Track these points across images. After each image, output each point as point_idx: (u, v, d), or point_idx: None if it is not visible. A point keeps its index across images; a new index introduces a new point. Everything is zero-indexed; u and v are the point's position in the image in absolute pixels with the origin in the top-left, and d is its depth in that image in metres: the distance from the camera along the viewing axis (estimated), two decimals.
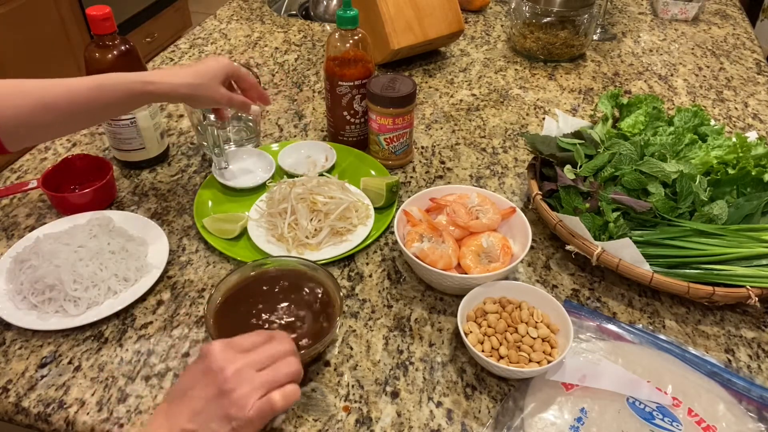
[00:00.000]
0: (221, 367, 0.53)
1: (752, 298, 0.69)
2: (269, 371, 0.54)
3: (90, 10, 0.83)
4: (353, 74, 0.93)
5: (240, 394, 0.52)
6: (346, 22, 0.90)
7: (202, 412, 0.51)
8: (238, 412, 0.51)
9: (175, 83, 0.76)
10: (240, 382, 0.52)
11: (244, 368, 0.53)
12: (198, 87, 0.77)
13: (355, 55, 0.93)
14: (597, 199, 0.78)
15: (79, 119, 0.74)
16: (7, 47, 2.19)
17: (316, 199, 0.83)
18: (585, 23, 1.27)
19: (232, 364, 0.53)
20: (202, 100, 0.79)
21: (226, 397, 0.51)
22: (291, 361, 0.56)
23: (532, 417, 0.61)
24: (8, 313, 0.70)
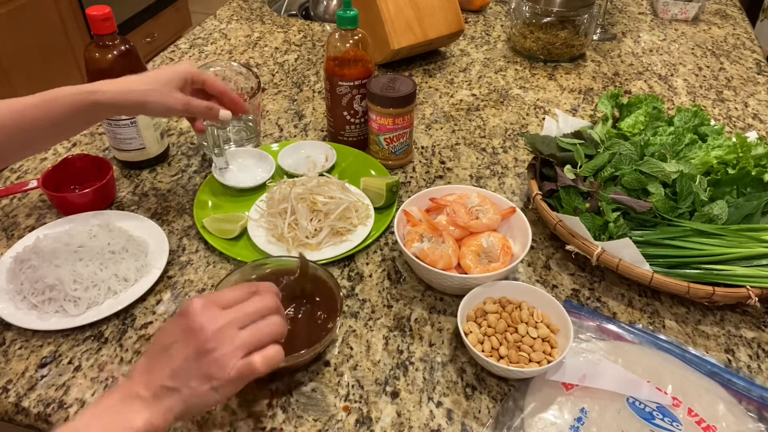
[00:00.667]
0: (202, 325, 0.52)
1: (752, 298, 0.69)
2: (251, 330, 0.53)
3: (90, 10, 0.83)
4: (353, 74, 0.93)
5: (220, 354, 0.51)
6: (346, 22, 0.90)
7: (182, 371, 0.51)
8: (218, 372, 0.51)
9: (123, 90, 0.71)
10: (221, 342, 0.52)
11: (225, 327, 0.52)
12: (148, 93, 0.72)
13: (355, 55, 0.93)
14: (597, 199, 0.78)
15: (29, 139, 0.70)
16: (7, 47, 2.19)
17: (316, 199, 0.83)
18: (585, 23, 1.27)
19: (212, 322, 0.52)
20: (156, 107, 0.74)
21: (206, 356, 0.51)
22: (273, 321, 0.55)
23: (532, 417, 0.61)
24: (8, 313, 0.70)
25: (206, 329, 0.52)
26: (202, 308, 0.53)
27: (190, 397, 0.51)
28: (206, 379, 0.51)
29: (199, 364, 0.51)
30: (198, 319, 0.52)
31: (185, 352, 0.52)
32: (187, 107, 0.76)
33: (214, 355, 0.51)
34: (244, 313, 0.54)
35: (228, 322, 0.53)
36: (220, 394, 0.51)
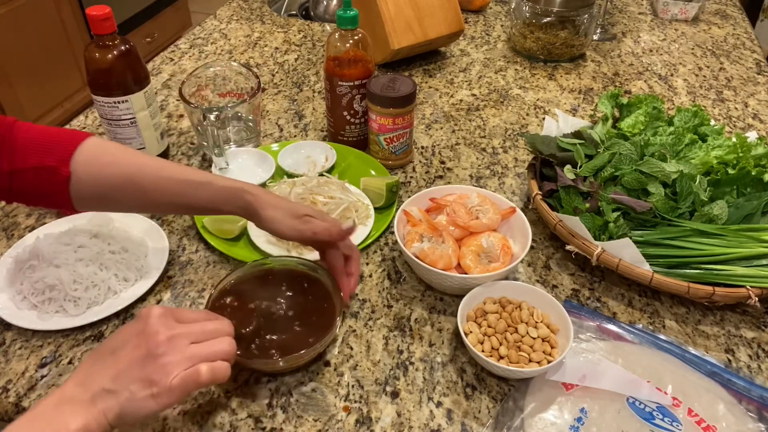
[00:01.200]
0: (156, 330, 0.52)
1: (752, 298, 0.69)
2: (202, 345, 0.54)
3: (90, 10, 0.83)
4: (353, 74, 0.93)
5: (167, 361, 0.51)
6: (346, 22, 0.90)
7: (125, 373, 0.51)
8: (161, 378, 0.50)
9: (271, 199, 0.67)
10: (171, 349, 0.52)
11: (178, 337, 0.53)
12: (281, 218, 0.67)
13: (355, 55, 0.93)
14: (597, 199, 0.78)
15: (157, 205, 0.69)
16: (7, 47, 2.19)
17: (316, 199, 0.83)
18: (585, 23, 1.27)
19: (167, 330, 0.52)
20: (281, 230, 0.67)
21: (153, 361, 0.51)
22: (226, 340, 0.55)
23: (532, 417, 0.61)
24: (8, 313, 0.70)
25: (160, 334, 0.52)
26: (160, 315, 0.53)
27: (128, 401, 0.50)
28: (147, 384, 0.50)
29: (144, 367, 0.51)
30: (153, 324, 0.53)
31: (133, 354, 0.52)
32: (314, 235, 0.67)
33: (161, 360, 0.51)
34: (200, 330, 0.55)
35: (182, 333, 0.53)
36: (158, 402, 0.51)
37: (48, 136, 0.64)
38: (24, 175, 0.63)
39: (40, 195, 0.65)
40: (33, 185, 0.63)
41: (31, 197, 0.65)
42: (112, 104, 0.89)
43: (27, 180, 0.63)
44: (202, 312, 0.59)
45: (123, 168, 0.65)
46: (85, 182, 0.64)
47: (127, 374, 0.51)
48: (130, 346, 0.52)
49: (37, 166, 0.62)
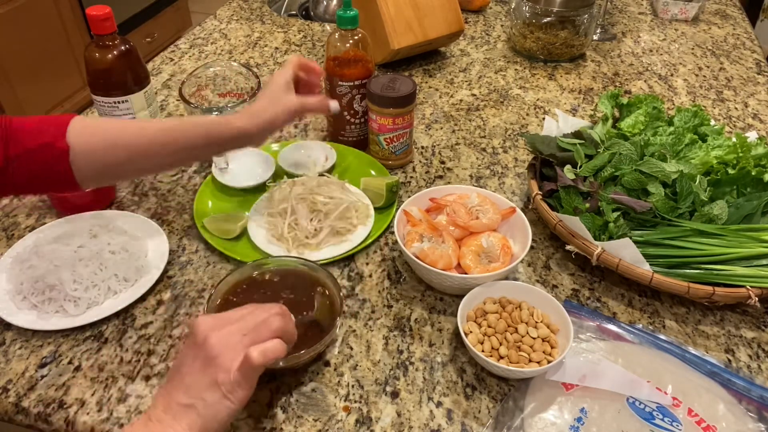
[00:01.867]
0: (205, 336, 0.53)
1: (752, 298, 0.69)
2: (251, 334, 0.54)
3: (90, 10, 0.84)
4: (353, 74, 0.93)
5: (224, 359, 0.52)
6: (346, 22, 0.90)
7: (194, 385, 0.52)
8: (224, 377, 0.51)
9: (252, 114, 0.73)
10: (224, 348, 0.52)
11: (228, 334, 0.53)
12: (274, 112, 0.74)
13: (355, 55, 0.93)
14: (597, 199, 0.78)
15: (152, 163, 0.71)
16: (7, 47, 2.19)
17: (316, 199, 0.83)
18: (585, 23, 1.27)
19: (216, 331, 0.53)
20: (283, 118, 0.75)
21: (211, 364, 0.52)
22: (272, 320, 0.56)
23: (532, 417, 0.61)
24: (8, 313, 0.70)
25: (210, 339, 0.53)
26: (205, 322, 0.54)
27: (206, 409, 0.51)
28: (216, 387, 0.51)
29: (206, 374, 0.52)
30: (202, 331, 0.54)
31: (193, 366, 0.53)
32: (303, 108, 0.77)
33: (218, 360, 0.52)
34: (247, 322, 0.55)
35: (231, 329, 0.54)
36: (232, 400, 0.52)
37: (39, 122, 0.66)
38: (25, 158, 0.64)
39: (44, 177, 0.66)
40: (36, 167, 0.64)
41: (36, 182, 0.66)
42: (112, 104, 0.89)
43: (29, 163, 0.64)
44: (245, 306, 0.59)
45: (108, 132, 0.68)
46: (81, 154, 0.66)
47: (195, 385, 0.52)
48: (188, 360, 0.53)
49: (35, 146, 0.64)
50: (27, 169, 0.64)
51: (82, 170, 0.67)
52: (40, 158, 0.64)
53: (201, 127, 0.71)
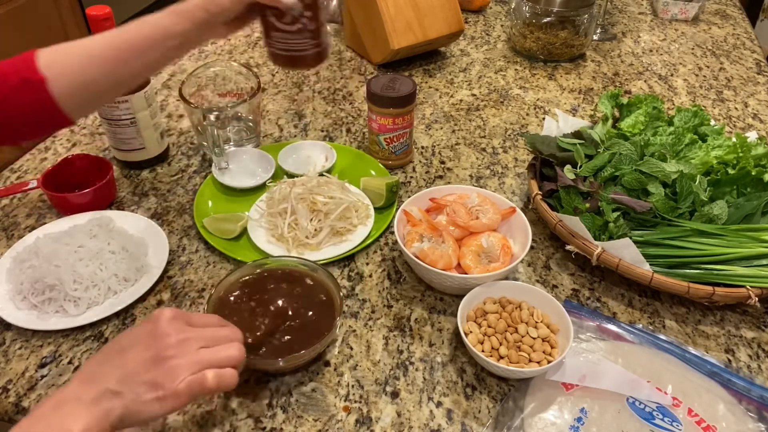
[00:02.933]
0: (166, 332, 0.52)
1: (752, 298, 0.69)
2: (211, 350, 0.53)
3: (90, 10, 0.83)
4: None
5: (175, 364, 0.51)
6: None
7: (132, 375, 0.50)
8: (167, 382, 0.50)
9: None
10: (180, 353, 0.51)
11: (188, 340, 0.52)
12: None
13: None
14: (597, 199, 0.78)
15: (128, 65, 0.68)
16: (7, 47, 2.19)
17: (316, 199, 0.83)
18: (585, 23, 1.27)
19: (177, 333, 0.52)
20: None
21: (161, 364, 0.51)
22: (235, 346, 0.55)
23: (532, 417, 0.61)
24: (8, 313, 0.70)
25: (170, 337, 0.52)
26: (171, 318, 0.53)
27: (133, 403, 0.50)
28: (154, 387, 0.50)
29: (151, 370, 0.51)
30: (164, 326, 0.53)
31: (142, 356, 0.51)
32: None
33: (169, 363, 0.51)
34: (210, 334, 0.55)
35: (192, 336, 0.53)
36: (162, 406, 0.50)
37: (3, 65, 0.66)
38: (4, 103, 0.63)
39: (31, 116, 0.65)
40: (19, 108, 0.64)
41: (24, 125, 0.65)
42: (112, 104, 0.89)
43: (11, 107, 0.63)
44: (213, 316, 0.58)
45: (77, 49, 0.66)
46: (58, 80, 0.65)
47: (135, 376, 0.50)
48: (139, 348, 0.52)
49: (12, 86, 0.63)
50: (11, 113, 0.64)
51: (64, 97, 0.65)
52: (20, 98, 0.63)
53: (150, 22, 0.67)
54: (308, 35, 0.70)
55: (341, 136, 1.06)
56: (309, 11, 0.68)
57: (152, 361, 0.51)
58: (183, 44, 0.69)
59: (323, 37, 0.72)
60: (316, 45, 0.71)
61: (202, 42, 0.72)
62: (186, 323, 0.54)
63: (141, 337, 0.53)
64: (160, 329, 0.52)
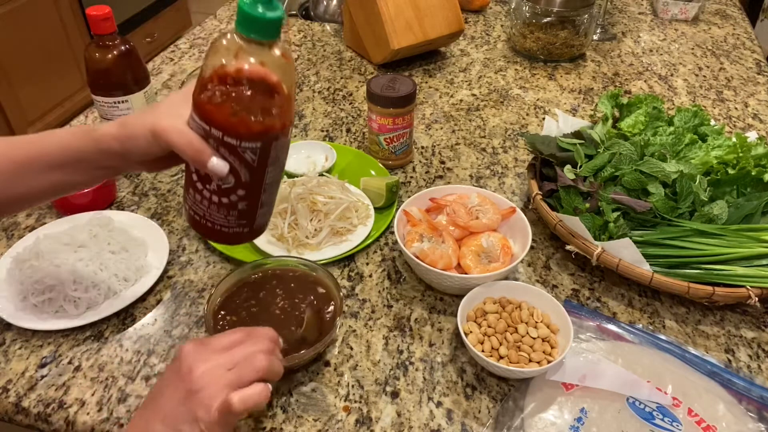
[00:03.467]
0: (191, 367, 0.52)
1: (752, 298, 0.69)
2: (235, 371, 0.52)
3: (90, 10, 0.84)
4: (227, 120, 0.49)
5: (206, 395, 0.50)
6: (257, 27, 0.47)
7: (172, 414, 0.51)
8: (204, 415, 0.50)
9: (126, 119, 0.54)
10: (207, 383, 0.51)
11: (213, 368, 0.52)
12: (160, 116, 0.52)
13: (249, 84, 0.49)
14: (597, 199, 0.78)
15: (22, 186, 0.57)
16: (7, 47, 2.19)
17: (316, 199, 0.83)
18: (585, 23, 1.27)
19: (202, 363, 0.52)
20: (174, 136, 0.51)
21: (193, 398, 0.50)
22: (257, 358, 0.53)
23: (532, 417, 0.61)
24: (8, 313, 0.70)
25: (194, 371, 0.51)
26: (192, 351, 0.53)
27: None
28: (195, 422, 0.50)
29: (187, 406, 0.51)
30: (188, 361, 0.52)
31: (174, 396, 0.51)
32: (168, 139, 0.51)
33: (200, 395, 0.50)
34: (236, 355, 0.54)
35: (218, 363, 0.52)
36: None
37: None
38: None
39: None
40: None
41: None
42: (112, 104, 0.89)
43: None
44: (235, 332, 0.56)
45: None
46: None
47: (175, 415, 0.51)
48: (170, 389, 0.52)
49: None
50: None
51: None
52: None
53: (61, 136, 0.56)
54: (235, 213, 0.53)
55: (341, 136, 1.06)
56: (243, 190, 0.51)
57: (185, 398, 0.51)
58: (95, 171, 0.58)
59: (258, 218, 0.55)
60: (241, 225, 0.54)
61: (122, 172, 0.62)
62: (210, 350, 0.54)
63: (170, 378, 0.53)
64: (184, 365, 0.52)
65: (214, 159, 0.49)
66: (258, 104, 0.48)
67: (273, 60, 0.48)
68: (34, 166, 0.56)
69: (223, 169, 0.50)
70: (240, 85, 0.48)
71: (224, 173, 0.50)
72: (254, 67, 0.48)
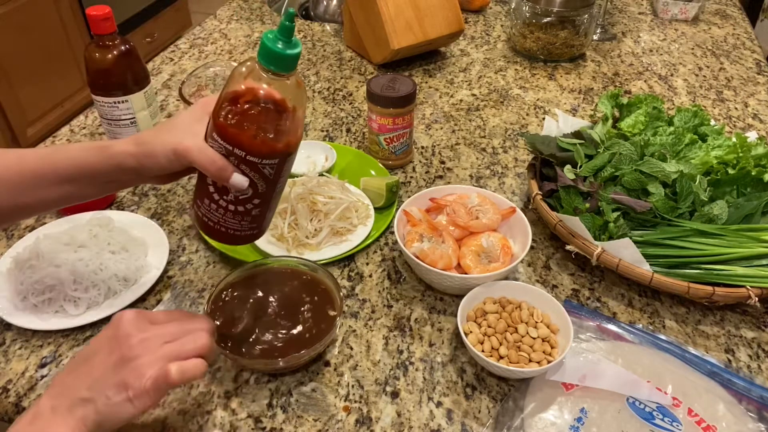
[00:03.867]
0: (128, 334, 0.52)
1: (752, 298, 0.69)
2: (175, 344, 0.53)
3: (90, 10, 0.84)
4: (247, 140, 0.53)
5: (140, 363, 0.51)
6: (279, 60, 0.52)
7: (100, 380, 0.50)
8: (134, 381, 0.50)
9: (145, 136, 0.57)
10: (143, 351, 0.51)
11: (151, 338, 0.52)
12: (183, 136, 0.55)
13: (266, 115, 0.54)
14: (597, 199, 0.78)
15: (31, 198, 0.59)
16: (7, 47, 2.19)
17: (316, 199, 0.83)
18: (585, 23, 1.27)
19: (140, 332, 0.52)
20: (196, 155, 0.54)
21: (126, 364, 0.50)
22: (199, 335, 0.54)
23: (532, 417, 0.61)
24: (8, 313, 0.70)
25: (132, 337, 0.52)
26: (131, 319, 0.53)
27: (105, 407, 0.50)
28: (123, 388, 0.50)
29: (118, 372, 0.50)
30: (125, 328, 0.52)
31: (107, 361, 0.51)
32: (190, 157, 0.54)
33: (134, 363, 0.51)
34: (173, 329, 0.54)
35: (155, 334, 0.53)
36: (135, 405, 0.50)
37: None
38: None
39: None
40: None
41: None
42: (112, 104, 0.89)
43: None
44: (177, 311, 0.58)
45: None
46: None
47: (102, 381, 0.50)
48: (103, 353, 0.52)
49: None
50: None
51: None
52: None
53: (73, 152, 0.58)
54: (248, 219, 0.59)
55: (341, 136, 1.07)
56: (259, 199, 0.57)
57: (117, 364, 0.51)
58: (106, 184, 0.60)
59: (267, 221, 0.62)
60: (253, 228, 0.60)
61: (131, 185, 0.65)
62: (148, 322, 0.54)
63: (104, 342, 0.53)
64: (121, 331, 0.52)
65: (235, 175, 0.54)
66: (277, 127, 0.54)
67: (290, 88, 0.54)
68: (44, 180, 0.59)
69: (243, 183, 0.55)
70: (261, 110, 0.53)
71: (244, 186, 0.55)
72: (274, 95, 0.53)
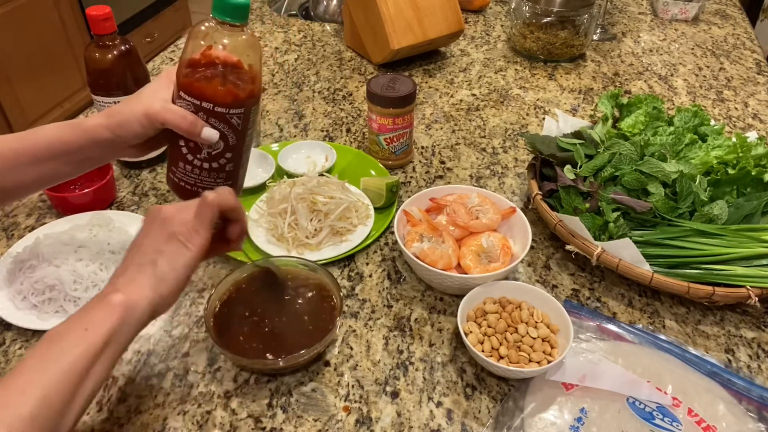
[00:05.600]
0: (172, 215, 0.55)
1: (752, 298, 0.69)
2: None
3: (90, 10, 0.83)
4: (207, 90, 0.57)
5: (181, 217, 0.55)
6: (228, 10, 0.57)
7: (151, 244, 0.54)
8: (181, 228, 0.54)
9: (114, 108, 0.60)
10: (179, 211, 0.56)
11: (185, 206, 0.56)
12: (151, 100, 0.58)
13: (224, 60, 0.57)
14: (597, 199, 0.78)
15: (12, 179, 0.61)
16: (7, 47, 2.19)
17: (316, 199, 0.83)
18: (585, 23, 1.27)
19: (178, 211, 0.56)
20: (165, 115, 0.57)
21: (169, 222, 0.54)
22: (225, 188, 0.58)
23: (532, 417, 0.61)
24: (8, 313, 0.70)
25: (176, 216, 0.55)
26: (164, 206, 0.57)
27: (163, 260, 0.53)
28: (173, 238, 0.54)
29: (164, 232, 0.54)
30: (168, 211, 0.56)
31: (157, 234, 0.55)
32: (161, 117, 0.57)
33: (177, 218, 0.55)
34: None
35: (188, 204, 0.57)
36: (190, 247, 0.54)
37: None
38: None
39: None
40: None
41: None
42: (112, 104, 0.89)
43: None
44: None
45: None
46: None
47: (153, 244, 0.54)
48: (151, 236, 0.55)
49: None
50: None
51: None
52: None
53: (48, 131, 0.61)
54: (223, 175, 0.62)
55: (341, 136, 1.07)
56: (230, 152, 0.60)
57: (161, 228, 0.54)
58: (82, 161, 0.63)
59: (240, 178, 0.65)
60: (228, 185, 0.62)
61: (106, 161, 0.67)
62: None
63: (147, 228, 0.56)
64: (164, 214, 0.55)
65: (206, 128, 0.58)
66: (239, 76, 0.58)
67: (245, 40, 0.58)
68: (21, 160, 0.61)
69: (214, 136, 0.58)
70: (222, 62, 0.57)
71: (215, 139, 0.58)
72: (232, 45, 0.57)
